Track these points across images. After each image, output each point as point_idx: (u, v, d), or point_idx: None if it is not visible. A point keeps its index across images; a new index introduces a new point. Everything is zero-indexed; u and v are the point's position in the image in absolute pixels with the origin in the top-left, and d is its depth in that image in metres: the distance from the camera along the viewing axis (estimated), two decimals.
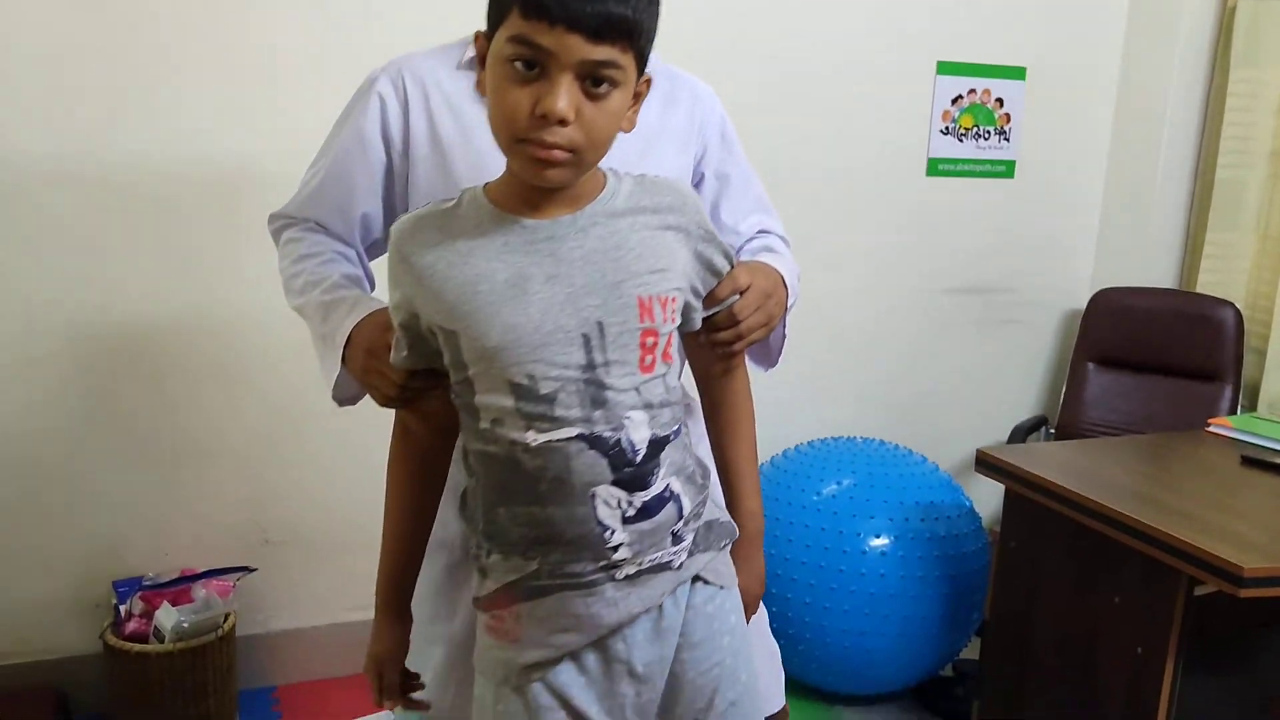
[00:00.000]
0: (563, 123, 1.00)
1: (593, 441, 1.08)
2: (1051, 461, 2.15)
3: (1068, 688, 2.02)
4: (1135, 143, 3.26)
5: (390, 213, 1.45)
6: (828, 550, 2.45)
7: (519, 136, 1.03)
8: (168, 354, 2.41)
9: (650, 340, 1.11)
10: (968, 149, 3.16)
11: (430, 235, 1.10)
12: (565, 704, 1.15)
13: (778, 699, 1.64)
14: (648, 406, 1.12)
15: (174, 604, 2.34)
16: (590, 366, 1.07)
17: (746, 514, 1.34)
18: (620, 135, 1.10)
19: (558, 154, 1.02)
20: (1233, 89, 3.06)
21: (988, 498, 2.96)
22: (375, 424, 2.54)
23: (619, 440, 1.09)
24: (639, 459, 1.10)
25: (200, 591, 2.39)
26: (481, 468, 1.13)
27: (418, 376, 1.18)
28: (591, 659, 1.15)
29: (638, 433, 1.10)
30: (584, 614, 1.12)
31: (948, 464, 2.91)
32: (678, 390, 1.18)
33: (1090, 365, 3.16)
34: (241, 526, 2.55)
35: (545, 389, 1.06)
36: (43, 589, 2.40)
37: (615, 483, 1.09)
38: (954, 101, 3.11)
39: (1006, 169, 3.22)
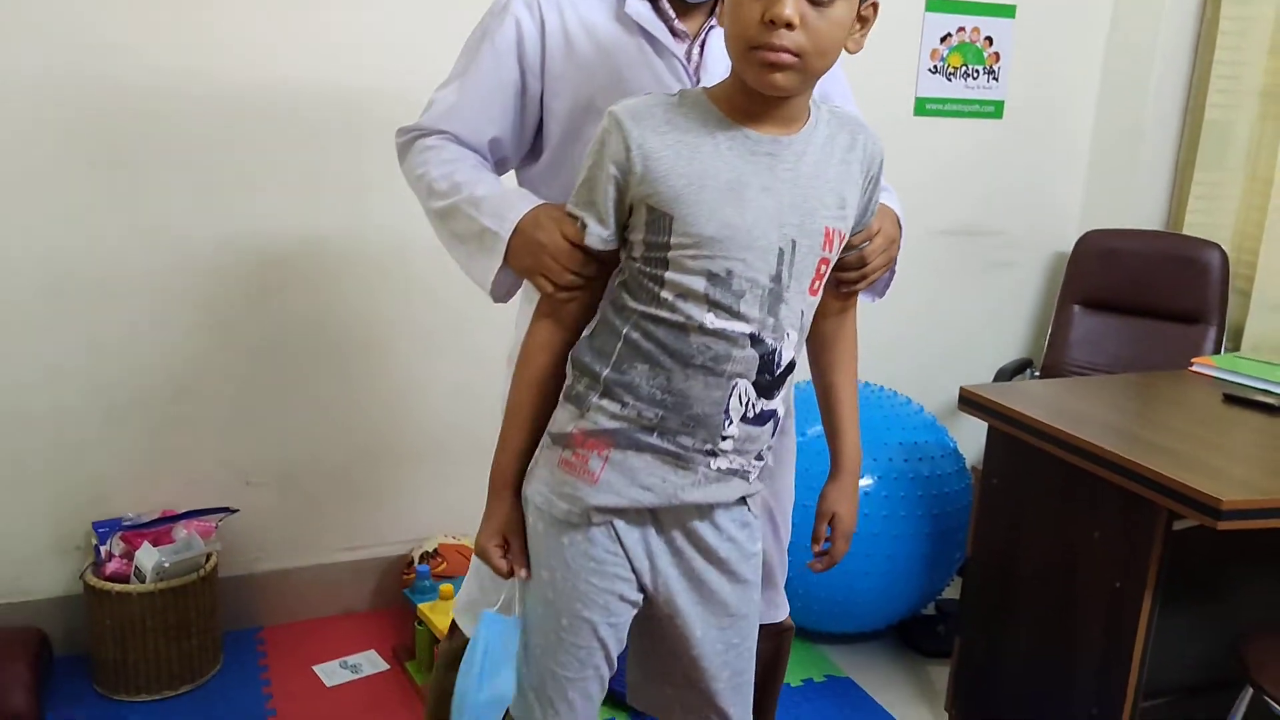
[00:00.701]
0: (789, 26, 1.09)
1: (756, 342, 1.20)
2: (1034, 399, 2.15)
3: (1047, 622, 2.04)
4: (1125, 83, 3.22)
5: (519, 135, 1.48)
6: (812, 490, 2.42)
7: (751, 44, 1.11)
8: (146, 294, 2.38)
9: (823, 268, 1.24)
10: (956, 88, 3.12)
11: (659, 124, 1.18)
12: (622, 548, 1.28)
13: (785, 608, 1.73)
14: (801, 330, 1.25)
15: (155, 544, 2.33)
16: (777, 278, 1.19)
17: (854, 446, 1.45)
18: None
19: (785, 57, 1.11)
20: (1224, 26, 3.02)
21: (972, 440, 2.96)
22: (357, 371, 2.55)
23: (775, 350, 1.22)
24: (778, 372, 1.23)
25: (181, 532, 2.38)
26: (642, 325, 1.21)
27: (589, 264, 1.25)
28: (649, 521, 1.28)
29: (788, 351, 1.24)
30: (669, 481, 1.23)
31: (932, 405, 2.91)
32: None
33: (1076, 307, 3.15)
34: (222, 468, 2.54)
35: (737, 285, 1.18)
36: (22, 530, 2.39)
37: (754, 384, 1.22)
38: (943, 40, 3.07)
39: (995, 109, 3.19)
